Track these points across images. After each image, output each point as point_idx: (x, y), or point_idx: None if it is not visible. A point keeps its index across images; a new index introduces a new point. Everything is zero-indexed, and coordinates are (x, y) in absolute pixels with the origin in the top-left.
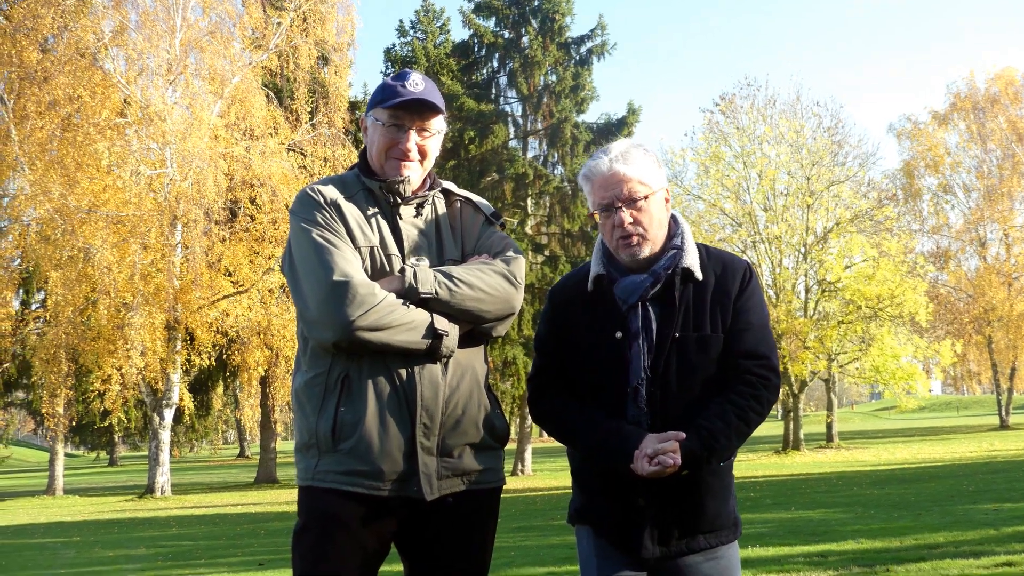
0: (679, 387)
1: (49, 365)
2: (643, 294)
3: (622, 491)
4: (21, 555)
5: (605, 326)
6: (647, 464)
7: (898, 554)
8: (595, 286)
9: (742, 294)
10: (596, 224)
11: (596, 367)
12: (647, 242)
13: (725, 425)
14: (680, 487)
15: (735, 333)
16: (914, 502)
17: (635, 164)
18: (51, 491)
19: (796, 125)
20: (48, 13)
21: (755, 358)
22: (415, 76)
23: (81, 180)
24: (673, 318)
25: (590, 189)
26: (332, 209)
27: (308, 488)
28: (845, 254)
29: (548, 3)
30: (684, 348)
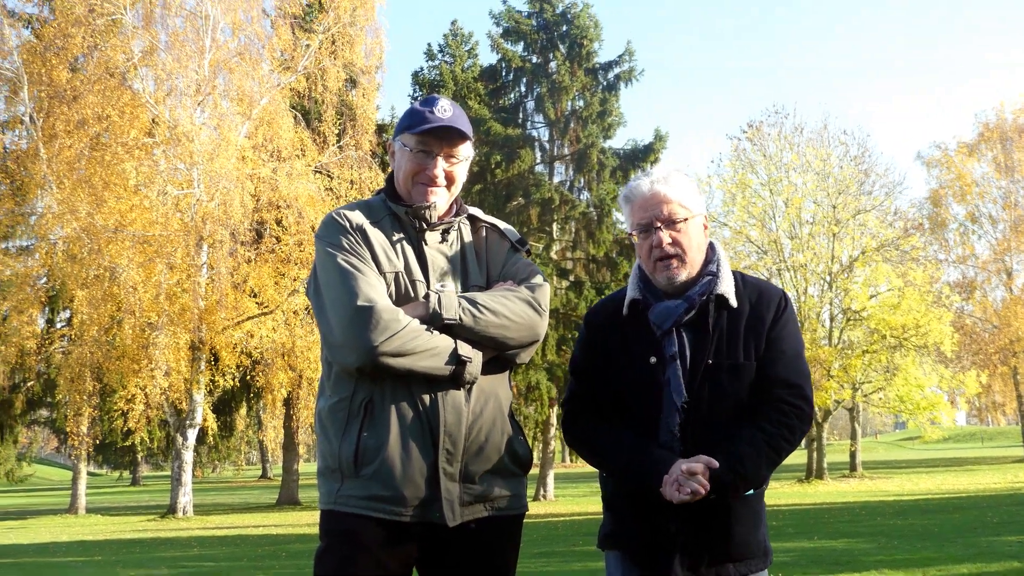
0: (711, 413)
1: (74, 384)
2: (677, 319)
3: (653, 515)
4: (43, 573)
5: (639, 351)
6: (676, 491)
7: None
8: (630, 311)
9: (776, 323)
10: (634, 246)
11: (629, 391)
12: (684, 265)
13: (755, 452)
14: (711, 514)
15: (768, 361)
16: (938, 533)
17: (676, 186)
18: (73, 510)
19: (823, 153)
20: (78, 33)
21: (788, 387)
22: (443, 102)
23: (108, 199)
24: (706, 345)
25: (630, 210)
26: (358, 234)
27: (330, 512)
28: (871, 283)
29: (576, 28)
30: (717, 375)
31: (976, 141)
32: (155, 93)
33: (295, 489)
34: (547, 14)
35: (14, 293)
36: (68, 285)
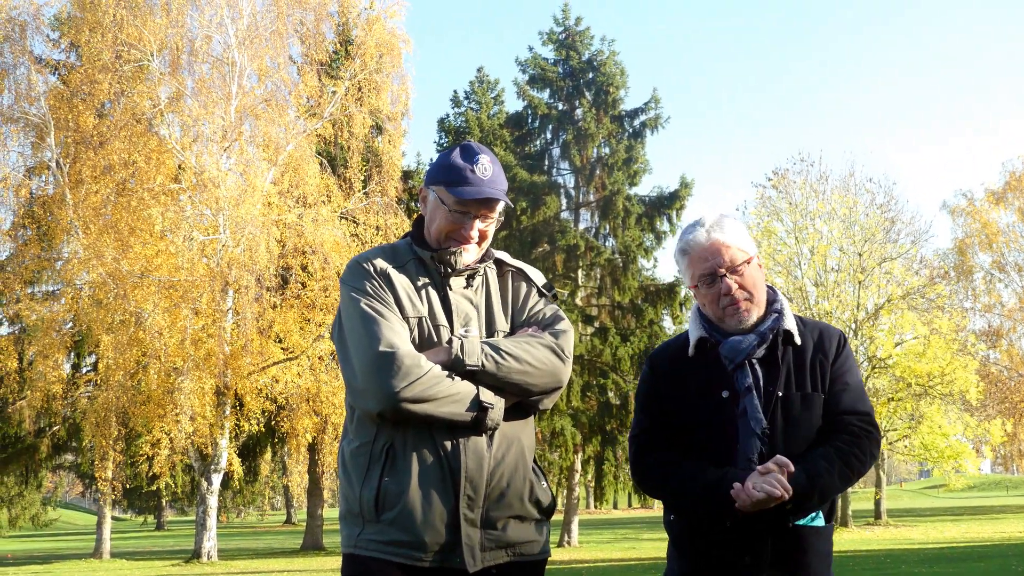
0: (785, 443)
1: (99, 428)
2: (749, 353)
3: (728, 549)
4: None
5: (711, 386)
6: (753, 491)
7: None
8: (697, 350)
9: (839, 357)
10: (695, 295)
11: (703, 426)
12: (754, 306)
13: (829, 465)
14: (782, 537)
15: (836, 394)
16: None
17: (731, 231)
18: (98, 554)
19: (849, 201)
20: (105, 79)
21: (857, 414)
22: (484, 160)
23: (134, 245)
24: (777, 377)
25: (688, 263)
26: (382, 279)
27: (351, 556)
28: (896, 331)
29: (602, 76)
30: (789, 406)
31: (1003, 190)
32: (181, 139)
33: (319, 534)
34: (573, 61)
35: (40, 338)
36: (94, 330)
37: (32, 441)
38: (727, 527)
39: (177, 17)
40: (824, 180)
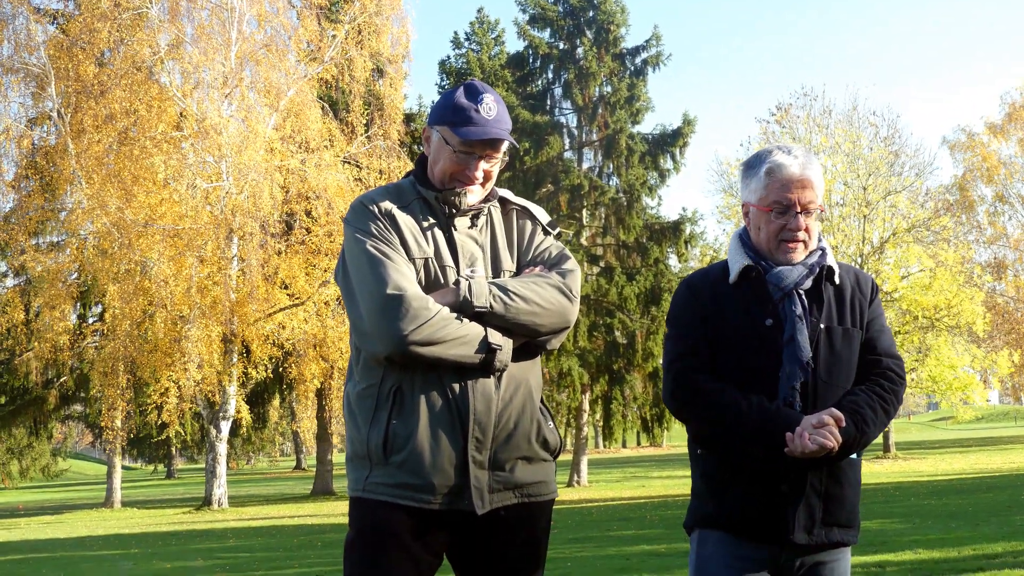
0: (827, 375)
1: (107, 378)
2: (798, 283)
3: (767, 480)
4: (80, 567)
5: (754, 314)
6: (807, 442)
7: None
8: (742, 277)
9: (873, 300)
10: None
11: (746, 353)
12: (806, 249)
13: (873, 413)
14: (823, 475)
15: (874, 335)
16: (972, 512)
17: (818, 174)
18: (109, 504)
19: (853, 135)
20: (104, 27)
21: (893, 357)
22: (488, 99)
23: (138, 194)
24: (821, 309)
25: (768, 184)
26: (386, 220)
27: (359, 499)
28: (902, 264)
29: (603, 14)
30: (831, 338)
31: (1003, 121)
32: (182, 87)
33: (329, 479)
34: (573, 0)
35: (46, 289)
36: (99, 280)
37: (40, 392)
38: (770, 464)
39: None
40: (828, 114)
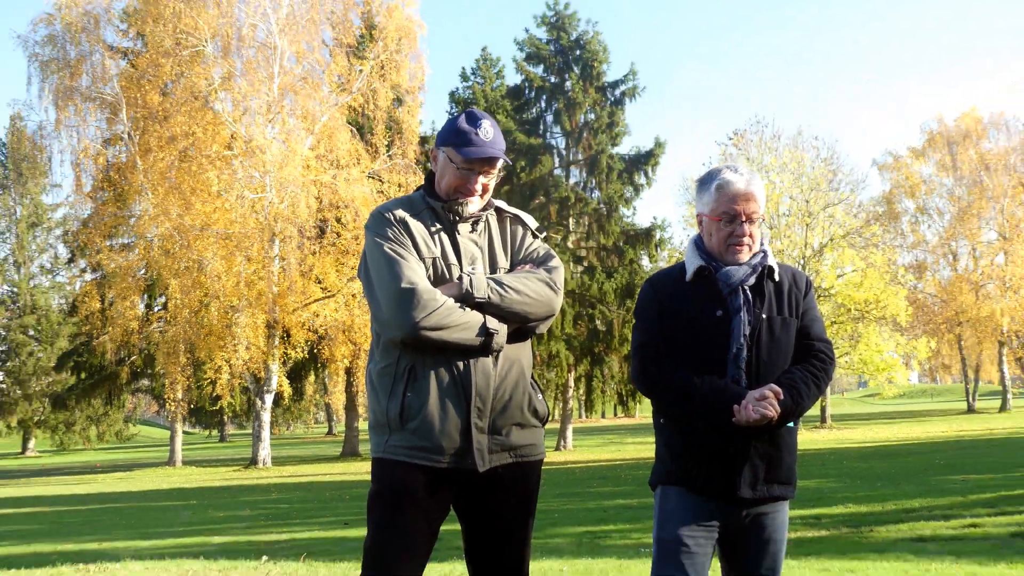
0: (768, 356)
1: (169, 358)
2: (744, 280)
3: (716, 444)
4: (147, 515)
5: (707, 306)
6: (751, 412)
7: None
8: (697, 276)
9: (807, 295)
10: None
11: (700, 339)
12: (750, 251)
13: (807, 388)
14: (766, 442)
15: (808, 323)
16: (894, 474)
17: (760, 189)
18: (171, 463)
19: (797, 156)
20: (167, 62)
21: (824, 342)
22: (486, 124)
23: (195, 203)
24: (762, 303)
25: (717, 197)
26: (400, 226)
27: (380, 459)
28: (837, 265)
29: (588, 53)
30: (771, 326)
31: (924, 146)
32: (233, 113)
33: (356, 443)
34: (563, 40)
35: (118, 283)
36: (163, 275)
37: (114, 369)
38: (719, 431)
39: (227, 8)
40: (777, 139)
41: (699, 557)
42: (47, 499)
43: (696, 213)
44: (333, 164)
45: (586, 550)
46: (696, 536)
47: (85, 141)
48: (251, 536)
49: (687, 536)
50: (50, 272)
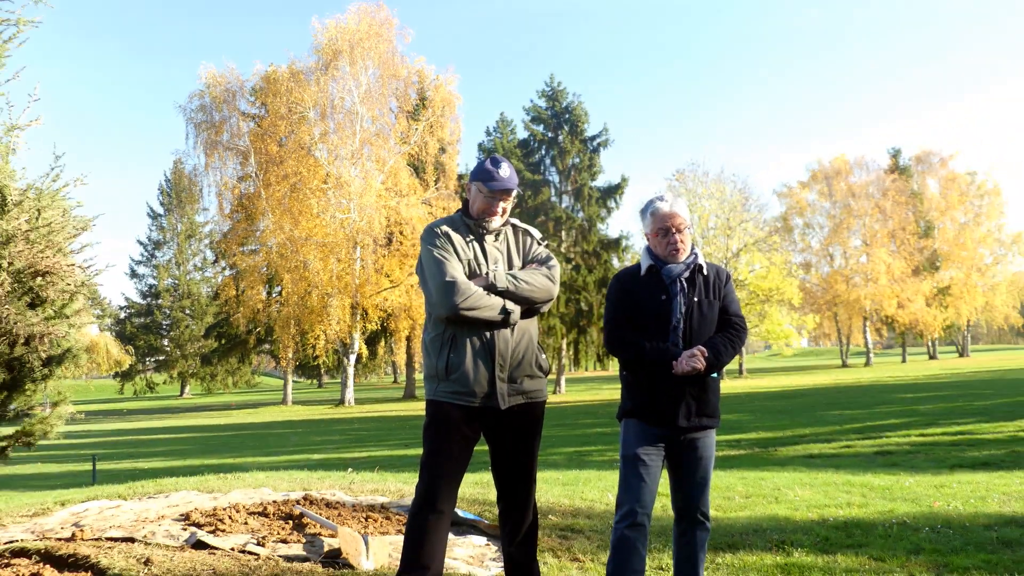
0: (698, 327)
1: (283, 329)
2: (681, 274)
3: (661, 389)
4: (267, 438)
5: (655, 292)
6: (685, 365)
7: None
8: (647, 272)
9: (727, 284)
10: (648, 238)
11: (649, 315)
12: (684, 252)
13: (725, 349)
14: (696, 387)
15: (727, 304)
16: (790, 410)
17: (681, 207)
18: (284, 402)
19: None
20: (282, 123)
21: (738, 316)
22: (504, 166)
23: (301, 221)
24: (695, 290)
25: (651, 220)
26: (445, 237)
27: (431, 400)
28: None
29: (574, 116)
30: (701, 306)
31: (809, 180)
32: (328, 158)
33: (413, 388)
34: (557, 107)
35: (247, 277)
36: (279, 272)
37: (244, 337)
38: (663, 379)
39: (323, 87)
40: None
41: (652, 468)
42: (197, 427)
43: (644, 231)
44: (397, 194)
45: (575, 464)
46: (650, 453)
47: (225, 178)
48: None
49: (643, 453)
50: (200, 269)
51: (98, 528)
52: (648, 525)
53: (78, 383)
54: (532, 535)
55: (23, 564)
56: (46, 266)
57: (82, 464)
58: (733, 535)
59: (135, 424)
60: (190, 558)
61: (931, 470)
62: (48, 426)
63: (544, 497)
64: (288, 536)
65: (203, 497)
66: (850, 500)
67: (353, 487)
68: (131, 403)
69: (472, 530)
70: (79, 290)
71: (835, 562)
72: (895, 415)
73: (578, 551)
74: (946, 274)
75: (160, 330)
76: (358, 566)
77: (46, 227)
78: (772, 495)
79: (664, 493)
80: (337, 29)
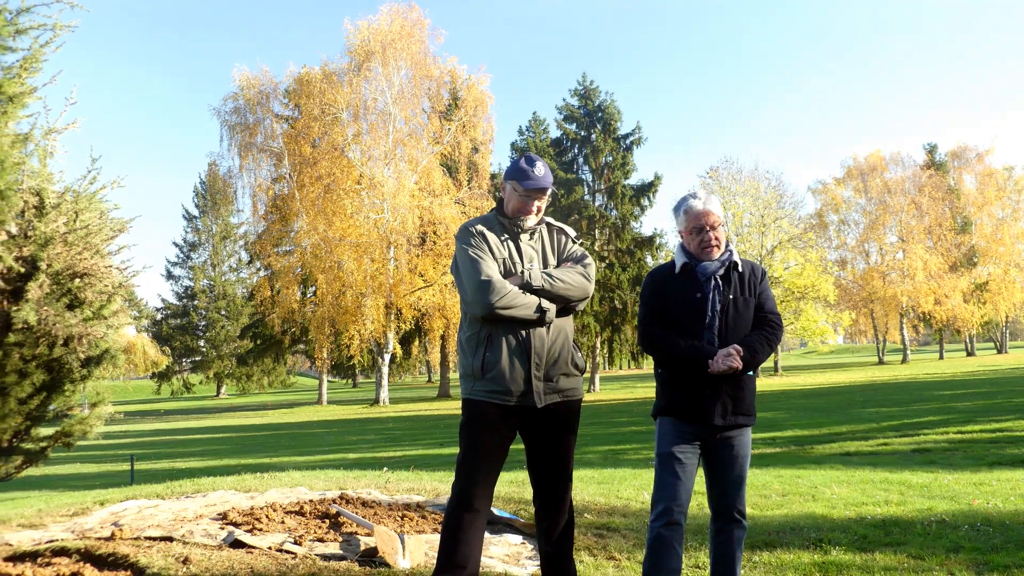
0: (733, 325)
1: (318, 329)
2: (716, 271)
3: (697, 387)
4: (303, 438)
5: (690, 290)
6: (721, 364)
7: (817, 438)
8: (682, 270)
9: (763, 281)
10: (683, 237)
11: (684, 313)
12: (719, 250)
13: (761, 347)
14: (732, 385)
15: (762, 301)
16: (826, 407)
17: (715, 205)
18: (319, 402)
19: (755, 184)
20: (315, 125)
21: (774, 314)
22: (539, 165)
23: (335, 222)
24: (730, 288)
25: (685, 218)
26: (480, 236)
27: (467, 399)
28: (784, 261)
29: (607, 114)
30: (736, 304)
31: (844, 176)
32: (361, 159)
33: (448, 388)
34: (590, 106)
35: (282, 277)
36: (313, 272)
37: (279, 337)
38: (699, 378)
39: (356, 88)
40: (740, 172)
41: (688, 466)
42: (233, 427)
43: (678, 229)
44: (430, 194)
45: (610, 462)
46: (685, 451)
47: (259, 180)
48: (375, 453)
49: (678, 451)
50: (235, 270)
51: (137, 527)
52: (684, 524)
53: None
54: (568, 534)
55: (63, 563)
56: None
57: (120, 464)
58: (770, 533)
59: (172, 424)
60: (228, 557)
61: (970, 467)
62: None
63: (580, 495)
64: (325, 535)
65: (240, 496)
66: (888, 498)
67: (389, 486)
68: (168, 403)
69: (508, 529)
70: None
71: (873, 560)
72: (933, 412)
73: (614, 549)
74: (984, 270)
75: (196, 331)
76: (394, 565)
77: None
78: (809, 493)
79: (700, 491)
80: (369, 30)
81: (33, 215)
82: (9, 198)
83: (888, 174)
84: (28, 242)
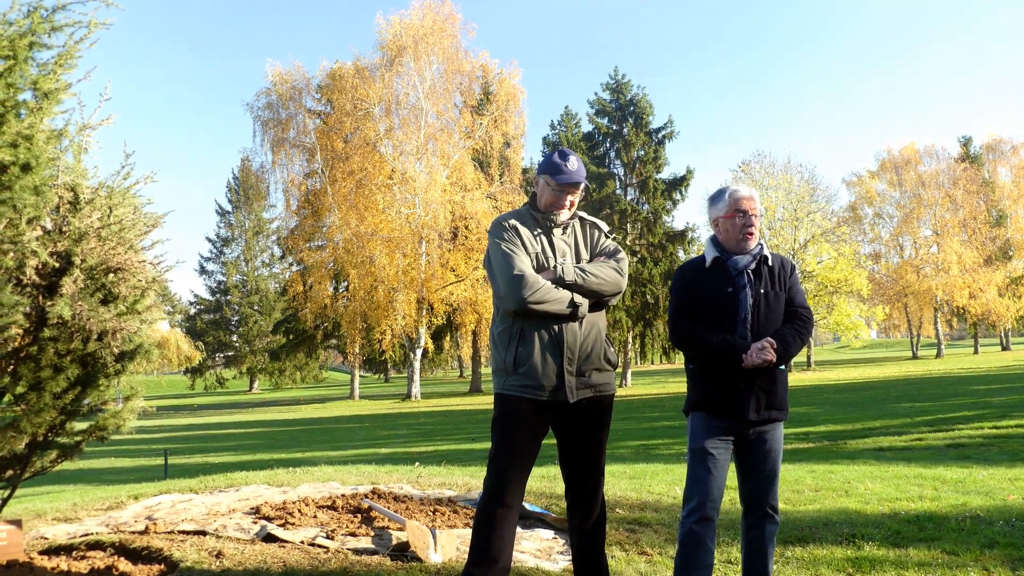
0: (765, 319)
1: (350, 324)
2: (747, 265)
3: (729, 382)
4: (335, 433)
5: (721, 285)
6: (755, 357)
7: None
8: (713, 263)
9: (792, 275)
10: (718, 225)
11: (715, 308)
12: (756, 238)
13: (793, 341)
14: (765, 379)
15: (793, 294)
16: (859, 402)
17: (756, 196)
18: (351, 397)
19: (787, 178)
20: (347, 120)
21: (804, 307)
22: (572, 159)
23: (367, 216)
24: (762, 281)
25: (730, 202)
26: (513, 231)
27: (500, 394)
28: (817, 255)
29: (639, 108)
30: (767, 298)
31: (878, 169)
32: (393, 154)
33: (479, 382)
34: (621, 100)
35: (315, 272)
36: (345, 267)
37: (312, 332)
38: (731, 372)
39: (388, 83)
40: (772, 165)
41: (720, 461)
42: (266, 422)
43: (712, 219)
44: (462, 188)
45: (642, 457)
46: (717, 446)
47: (292, 175)
48: (407, 448)
49: (711, 446)
50: (268, 265)
51: (170, 521)
52: (716, 519)
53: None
54: (600, 528)
55: (98, 556)
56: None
57: (154, 459)
58: (803, 528)
59: (205, 419)
60: (261, 551)
61: (1005, 463)
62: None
63: (611, 491)
64: (357, 529)
65: (273, 491)
66: (922, 493)
67: (420, 481)
68: (201, 398)
69: (540, 523)
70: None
71: (907, 555)
72: (967, 407)
73: (646, 544)
74: (1019, 263)
75: (229, 326)
76: (426, 559)
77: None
78: (842, 488)
79: (732, 486)
80: (401, 25)
81: (67, 210)
82: (44, 194)
83: (922, 167)
84: (63, 237)
